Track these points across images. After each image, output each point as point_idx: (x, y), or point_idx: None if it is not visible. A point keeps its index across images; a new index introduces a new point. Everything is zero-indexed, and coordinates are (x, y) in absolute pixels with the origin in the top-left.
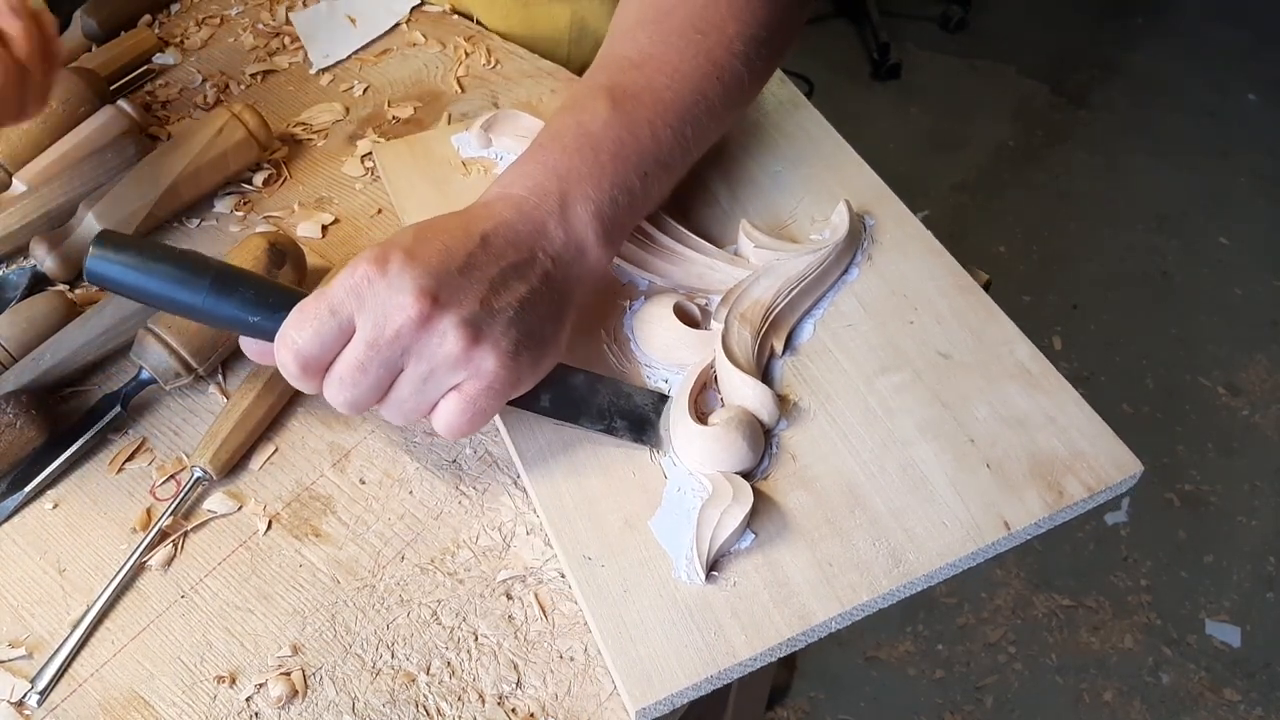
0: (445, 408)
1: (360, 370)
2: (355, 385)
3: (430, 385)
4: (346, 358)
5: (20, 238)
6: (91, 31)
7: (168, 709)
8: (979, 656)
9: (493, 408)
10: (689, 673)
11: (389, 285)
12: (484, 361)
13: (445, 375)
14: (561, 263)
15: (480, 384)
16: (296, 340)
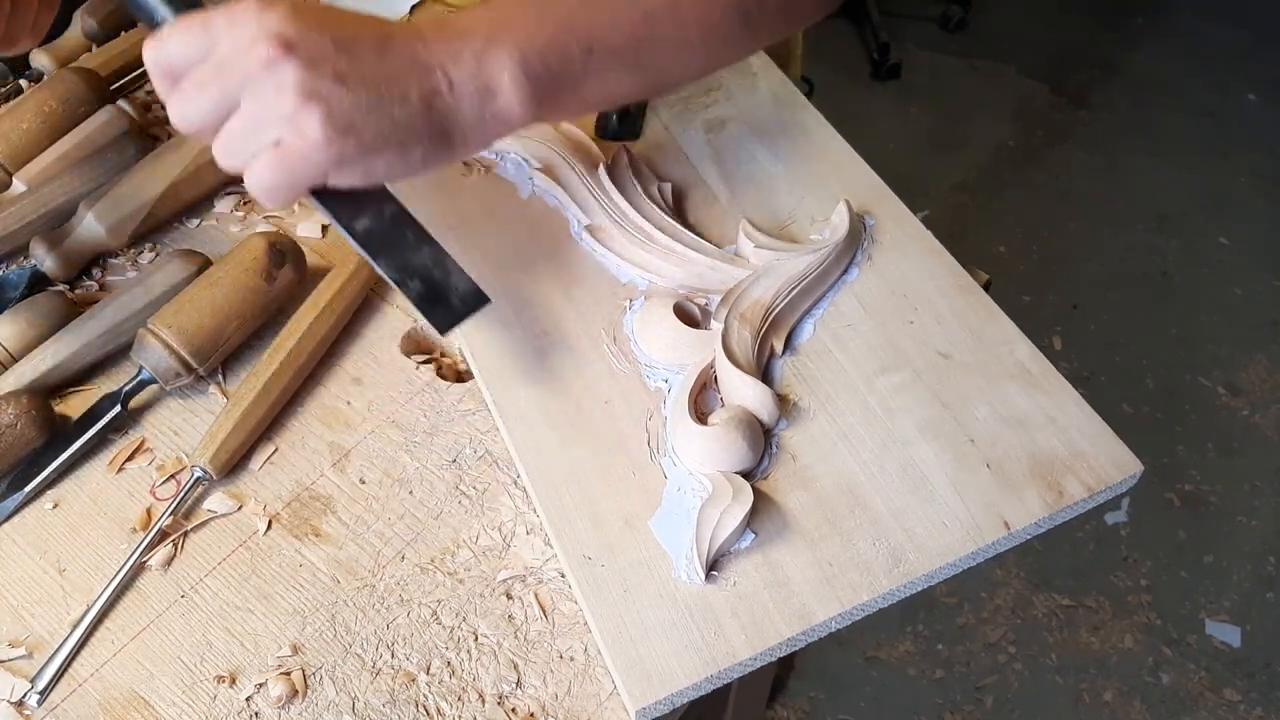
0: (258, 162)
1: (199, 87)
2: (188, 100)
3: (255, 131)
4: (192, 73)
5: (20, 237)
6: (91, 31)
7: (168, 709)
8: (979, 656)
9: (301, 178)
10: (689, 673)
11: (259, 19)
12: (308, 124)
13: (269, 125)
14: (460, 93)
15: (297, 145)
16: (166, 42)
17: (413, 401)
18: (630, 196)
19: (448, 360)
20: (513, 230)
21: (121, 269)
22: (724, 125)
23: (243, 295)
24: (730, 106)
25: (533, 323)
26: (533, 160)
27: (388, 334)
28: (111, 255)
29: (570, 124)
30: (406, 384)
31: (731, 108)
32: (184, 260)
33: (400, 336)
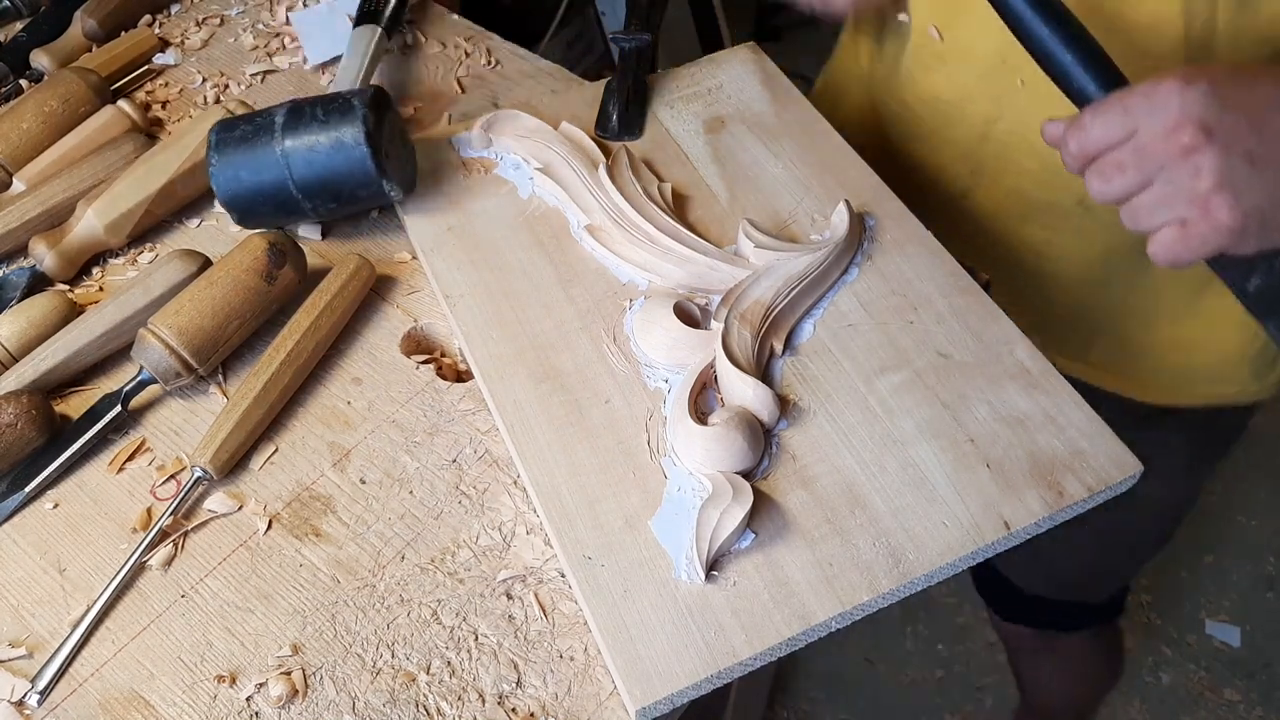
0: (1164, 235)
1: (1118, 168)
2: (1108, 180)
3: (1163, 208)
4: (1114, 153)
5: (20, 237)
6: (91, 31)
7: (168, 709)
8: (979, 656)
9: (1201, 253)
10: (689, 673)
11: (1181, 102)
12: (1217, 210)
13: (1179, 205)
14: None
15: (1204, 228)
16: (1090, 128)
17: (413, 401)
18: (630, 196)
19: (448, 360)
20: (513, 230)
21: (121, 269)
22: (724, 125)
23: (243, 295)
24: (730, 106)
25: (533, 323)
26: (533, 160)
27: (388, 334)
28: (111, 255)
29: (570, 124)
30: (406, 384)
31: (731, 108)
32: (184, 260)
33: (400, 336)
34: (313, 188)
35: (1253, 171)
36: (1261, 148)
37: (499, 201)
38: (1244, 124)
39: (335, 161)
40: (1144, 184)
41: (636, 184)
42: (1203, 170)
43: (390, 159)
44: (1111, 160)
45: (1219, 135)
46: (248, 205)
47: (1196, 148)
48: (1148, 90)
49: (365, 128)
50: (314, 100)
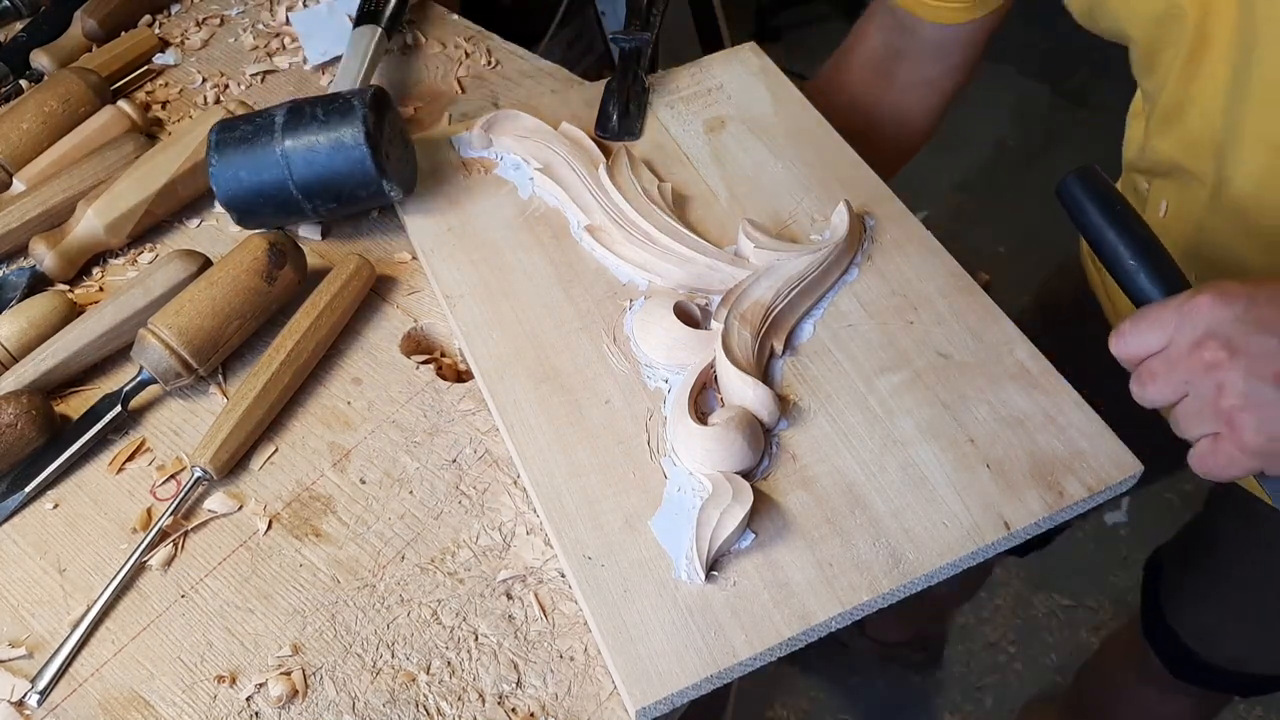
0: (1199, 446)
1: (1151, 376)
2: (1144, 387)
3: (1197, 421)
4: (1150, 361)
5: (20, 237)
6: (91, 31)
7: (168, 709)
8: (979, 656)
9: (1231, 471)
10: (689, 673)
11: (1210, 318)
12: (1242, 430)
13: (1208, 420)
14: None
15: (1230, 447)
16: (1127, 336)
17: (413, 401)
18: (630, 197)
19: (448, 360)
20: (513, 230)
21: (121, 269)
22: (724, 125)
23: (243, 295)
24: (730, 106)
25: (533, 323)
26: (533, 160)
27: (388, 334)
28: (111, 255)
29: (570, 124)
30: (406, 384)
31: (731, 108)
32: (184, 260)
33: (400, 336)
34: (313, 188)
35: (1276, 391)
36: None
37: (499, 201)
38: (1274, 344)
39: (335, 161)
40: (1178, 394)
41: (636, 184)
42: (1225, 389)
43: (390, 159)
44: (1146, 368)
45: (1244, 355)
46: (248, 205)
47: (1219, 364)
48: (1183, 301)
49: (365, 128)
50: (314, 100)
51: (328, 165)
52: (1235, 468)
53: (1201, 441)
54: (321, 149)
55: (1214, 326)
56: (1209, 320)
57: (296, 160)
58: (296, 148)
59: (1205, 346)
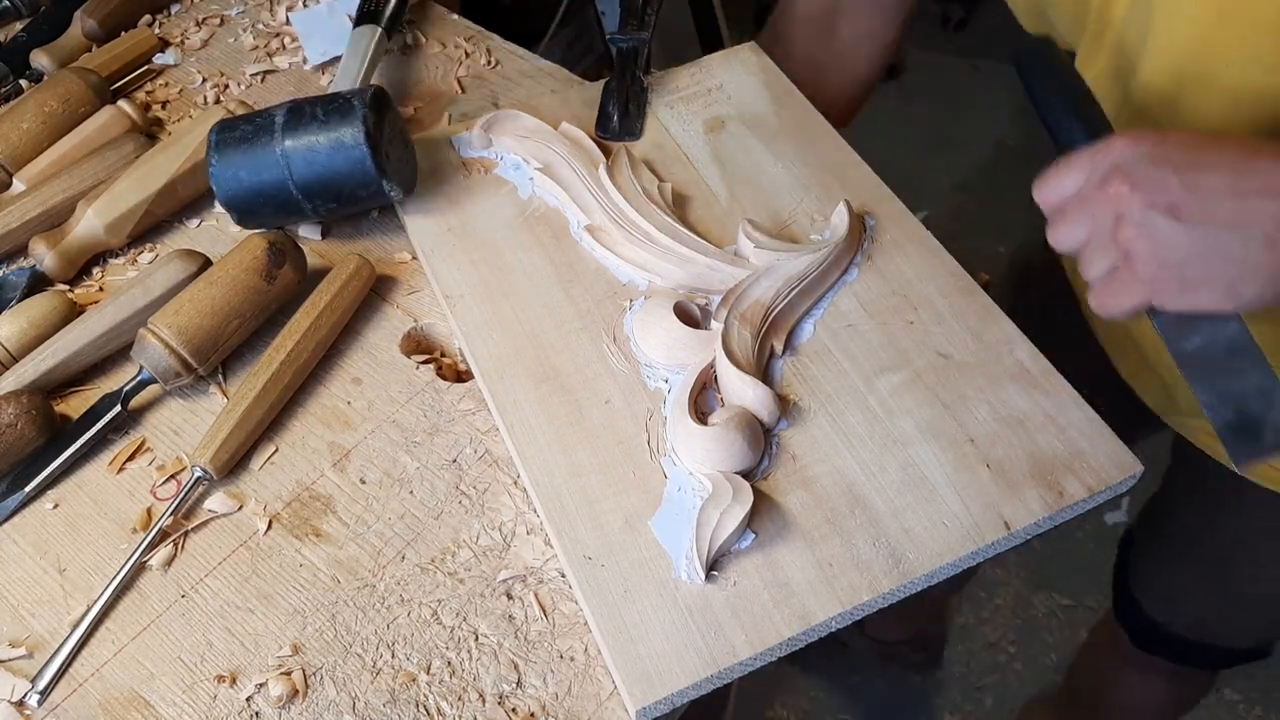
0: (1096, 285)
1: (1063, 217)
2: (1056, 229)
3: (1099, 257)
4: (1066, 205)
5: (20, 237)
6: (91, 31)
7: (168, 709)
8: (979, 656)
9: (1123, 305)
10: (689, 673)
11: (1118, 157)
12: (1134, 257)
13: (1107, 253)
14: None
15: (1125, 277)
16: (1048, 181)
17: (413, 401)
18: (630, 196)
19: (448, 360)
20: (513, 230)
21: (121, 269)
22: (724, 125)
23: (243, 295)
24: (730, 106)
25: (533, 323)
26: (533, 160)
27: (388, 334)
28: (111, 255)
29: (570, 124)
30: (406, 384)
31: (731, 108)
32: (184, 260)
33: (400, 336)
34: (313, 188)
35: (1175, 225)
36: (1189, 202)
37: (499, 201)
38: (1173, 179)
39: (335, 161)
40: (1087, 232)
41: (636, 184)
42: (1123, 220)
43: (390, 159)
44: (1059, 210)
45: (1143, 187)
46: (248, 205)
47: (1120, 197)
48: (1099, 145)
49: (365, 128)
50: (314, 100)
51: (328, 165)
52: (1129, 298)
53: (1098, 280)
54: (321, 149)
55: (1121, 163)
56: (1118, 158)
57: (296, 160)
58: (296, 148)
59: (1110, 182)
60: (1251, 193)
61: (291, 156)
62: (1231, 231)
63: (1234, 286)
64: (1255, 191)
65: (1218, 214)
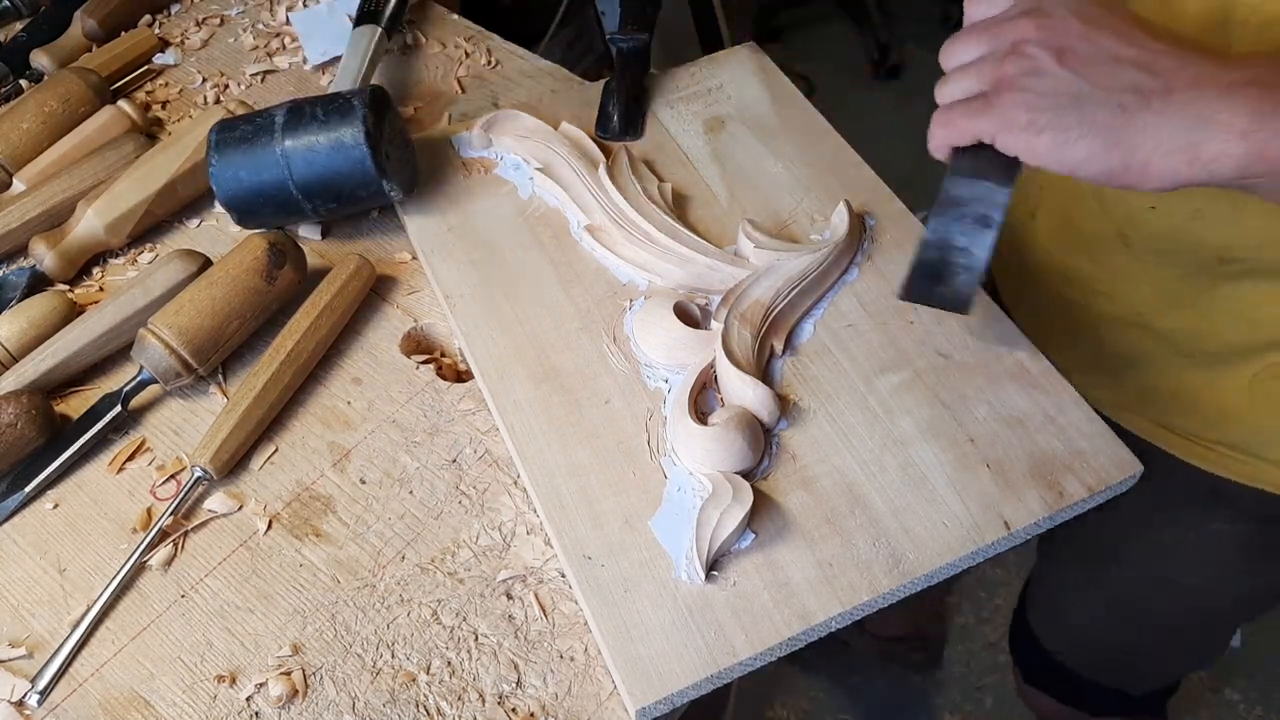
0: (948, 108)
1: (966, 33)
2: (950, 54)
3: (971, 76)
4: (963, 30)
5: (20, 237)
6: (91, 31)
7: (168, 709)
8: (979, 656)
9: (975, 129)
10: (689, 672)
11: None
12: (1004, 91)
13: (983, 76)
14: (1168, 107)
15: (980, 105)
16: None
17: (413, 401)
18: (630, 196)
19: (448, 360)
20: (513, 230)
21: (121, 269)
22: (724, 125)
23: (243, 295)
24: (730, 106)
25: (533, 323)
26: (533, 160)
27: (388, 334)
28: (111, 255)
29: (570, 124)
30: (406, 384)
31: (731, 108)
32: (184, 260)
33: (400, 336)
34: (313, 188)
35: (1057, 68)
36: (1079, 47)
37: (499, 201)
38: (1076, 26)
39: (335, 161)
40: (977, 54)
41: (636, 184)
42: (1017, 48)
43: (390, 159)
44: (970, 28)
45: (1043, 24)
46: (248, 205)
47: (1024, 28)
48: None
49: (365, 128)
50: (314, 100)
51: (328, 165)
52: (973, 125)
53: (957, 102)
54: (321, 149)
55: (1043, 4)
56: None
57: (296, 160)
58: (296, 148)
59: (1024, 16)
60: (1131, 55)
61: (291, 156)
62: (1095, 88)
63: (1069, 143)
64: (1136, 55)
65: (1097, 71)
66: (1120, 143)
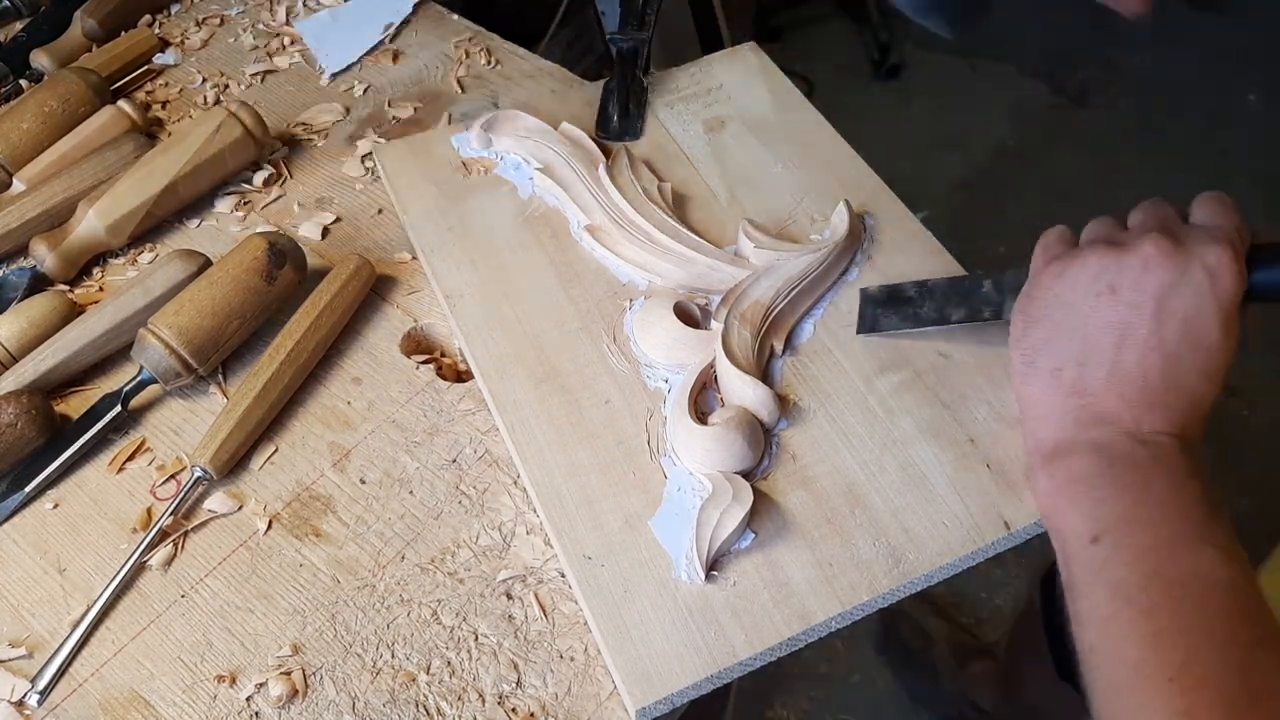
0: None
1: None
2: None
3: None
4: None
5: (20, 237)
6: (91, 31)
7: (168, 709)
8: None
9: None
10: (689, 672)
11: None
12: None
13: (1104, 262)
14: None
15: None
16: None
17: (413, 401)
18: (630, 196)
19: (448, 360)
20: (513, 230)
21: (121, 269)
22: (724, 125)
23: (243, 295)
24: (730, 106)
25: (533, 323)
26: (533, 160)
27: (388, 334)
28: (111, 255)
29: (570, 124)
30: (406, 384)
31: (731, 108)
32: (184, 260)
33: (400, 336)
34: None
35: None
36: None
37: (499, 201)
38: (1132, 277)
39: None
40: (1101, 237)
41: (636, 184)
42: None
43: None
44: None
45: (1186, 268)
46: None
47: (1163, 258)
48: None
49: None
50: None
51: None
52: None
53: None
54: None
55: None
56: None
57: None
58: None
59: (1144, 240)
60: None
61: None
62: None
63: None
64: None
65: (1086, 320)
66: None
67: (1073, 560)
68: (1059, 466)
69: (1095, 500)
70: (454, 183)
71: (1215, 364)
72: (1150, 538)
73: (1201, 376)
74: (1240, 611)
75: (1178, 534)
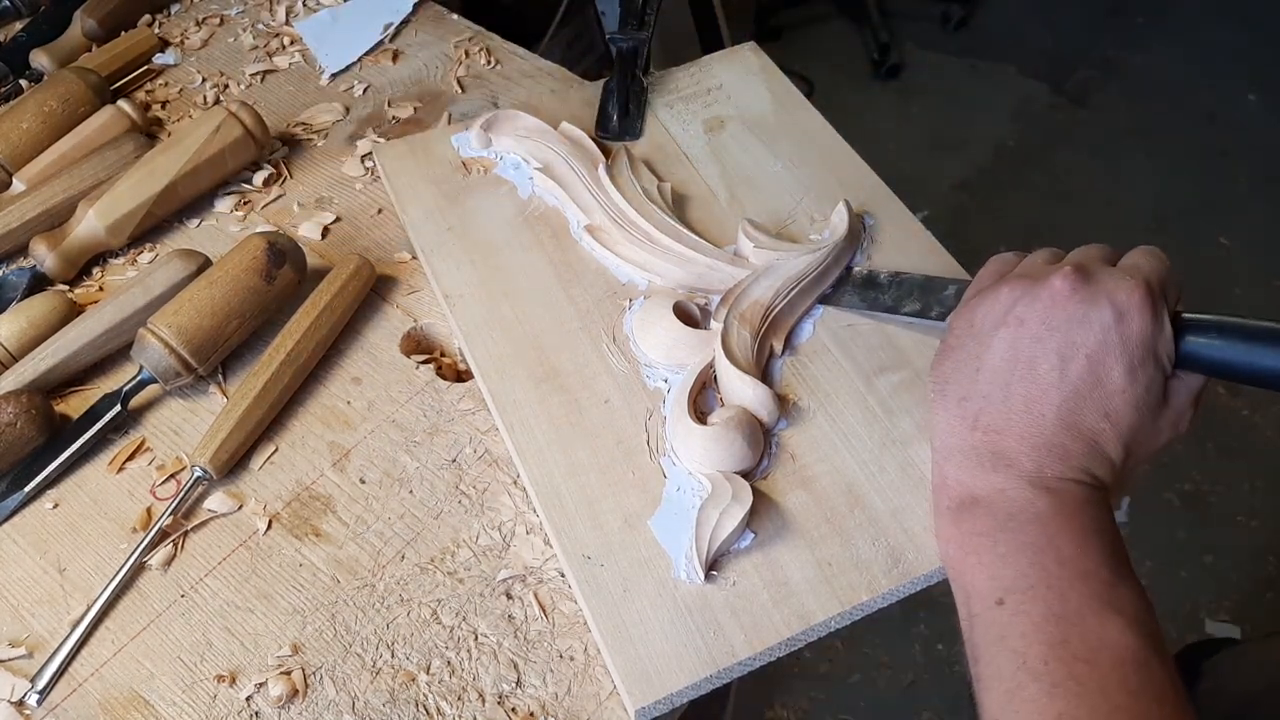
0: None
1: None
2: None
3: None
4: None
5: (20, 237)
6: (91, 31)
7: (168, 708)
8: None
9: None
10: (689, 672)
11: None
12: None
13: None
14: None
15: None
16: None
17: (413, 401)
18: (630, 196)
19: (448, 360)
20: (513, 230)
21: (121, 269)
22: (724, 125)
23: (243, 295)
24: (730, 106)
25: (533, 323)
26: (533, 160)
27: (388, 334)
28: (111, 255)
29: (570, 124)
30: (406, 384)
31: (731, 108)
32: (184, 260)
33: (400, 336)
34: None
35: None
36: (1038, 323)
37: (499, 201)
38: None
39: None
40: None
41: (636, 184)
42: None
43: None
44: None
45: (1091, 302)
46: None
47: (1067, 291)
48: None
49: None
50: None
51: None
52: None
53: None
54: None
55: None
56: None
57: None
58: None
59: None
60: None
61: None
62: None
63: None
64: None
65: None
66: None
67: (975, 621)
68: (964, 516)
69: (997, 557)
70: (454, 182)
71: (1116, 406)
72: (1056, 604)
73: (1101, 417)
74: (1148, 690)
75: (1083, 599)
